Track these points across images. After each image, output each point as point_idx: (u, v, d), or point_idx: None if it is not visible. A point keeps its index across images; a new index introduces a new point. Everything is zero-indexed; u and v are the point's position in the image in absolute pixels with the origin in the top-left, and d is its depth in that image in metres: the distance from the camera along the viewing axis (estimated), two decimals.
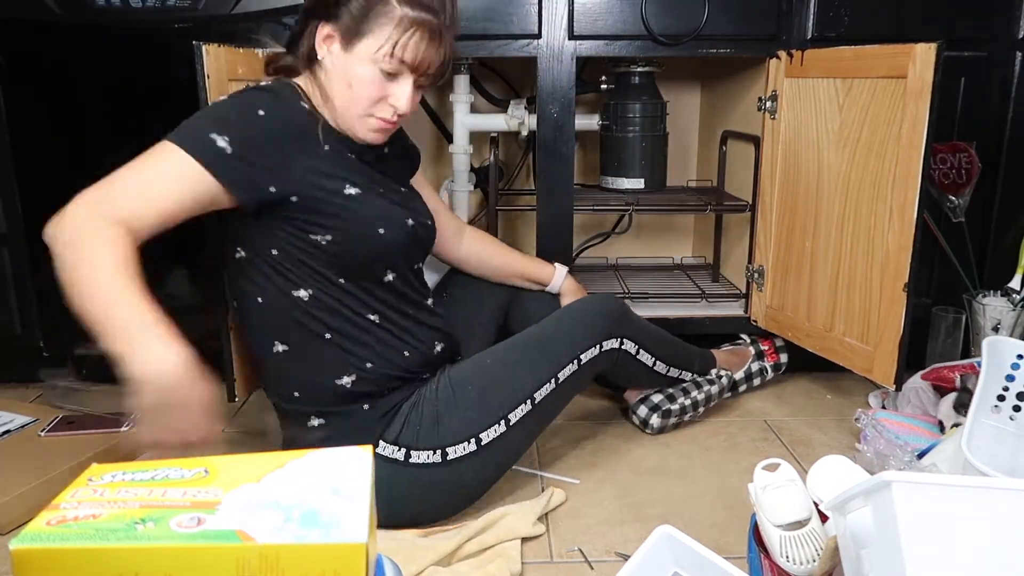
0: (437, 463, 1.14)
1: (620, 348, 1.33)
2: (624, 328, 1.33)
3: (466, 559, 1.11)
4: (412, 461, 1.13)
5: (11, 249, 1.62)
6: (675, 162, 2.04)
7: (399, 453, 1.13)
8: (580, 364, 1.26)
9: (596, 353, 1.28)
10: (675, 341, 1.48)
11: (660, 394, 1.48)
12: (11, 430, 1.43)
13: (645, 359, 1.39)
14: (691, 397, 1.49)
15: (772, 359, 1.68)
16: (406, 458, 1.13)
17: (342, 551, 0.60)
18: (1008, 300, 1.61)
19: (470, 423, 1.15)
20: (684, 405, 1.48)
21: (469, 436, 1.15)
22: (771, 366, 1.68)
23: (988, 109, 1.62)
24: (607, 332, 1.30)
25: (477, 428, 1.15)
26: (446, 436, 1.14)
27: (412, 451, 1.13)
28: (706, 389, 1.51)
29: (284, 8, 1.51)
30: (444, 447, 1.14)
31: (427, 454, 1.13)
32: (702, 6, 1.54)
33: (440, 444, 1.14)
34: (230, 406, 1.63)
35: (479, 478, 1.19)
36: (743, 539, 1.09)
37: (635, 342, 1.36)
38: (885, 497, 0.73)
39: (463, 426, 1.15)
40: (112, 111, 1.54)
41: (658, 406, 1.47)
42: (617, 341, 1.32)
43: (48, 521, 0.60)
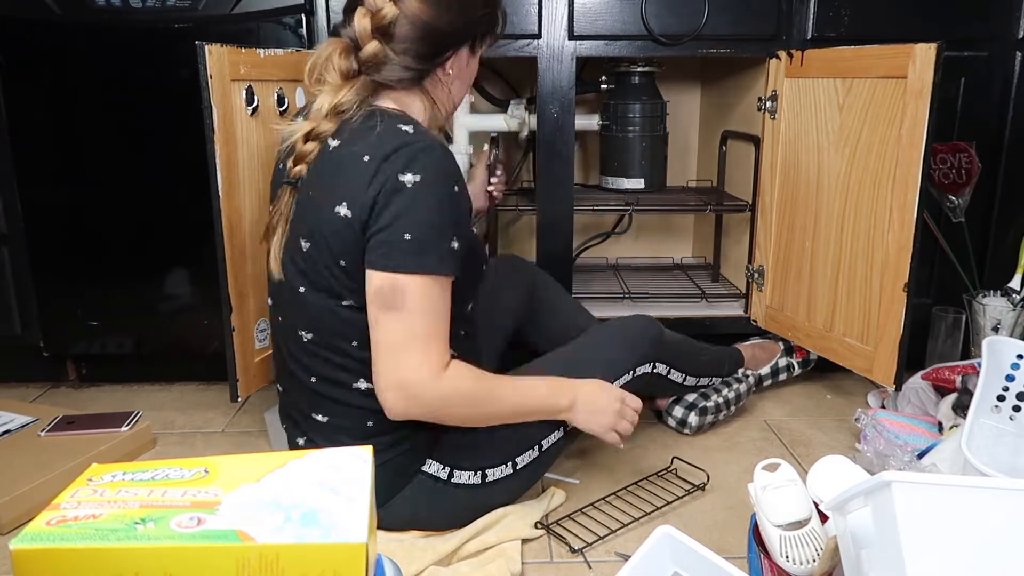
0: (477, 484, 1.14)
1: (653, 372, 1.35)
2: (659, 352, 1.35)
3: (466, 559, 1.11)
4: (454, 480, 1.13)
5: (11, 249, 1.63)
6: (675, 162, 2.04)
7: (443, 472, 1.13)
8: None
9: (629, 379, 1.29)
10: (704, 349, 1.50)
11: (694, 392, 1.49)
12: (11, 430, 1.43)
13: (676, 377, 1.41)
14: (723, 395, 1.50)
15: (800, 355, 1.68)
16: (449, 477, 1.13)
17: (342, 551, 0.60)
18: (1008, 300, 1.61)
19: (508, 447, 1.15)
20: (718, 403, 1.49)
21: (506, 460, 1.15)
22: (799, 362, 1.68)
23: (988, 109, 1.62)
24: (642, 359, 1.31)
25: (514, 452, 1.16)
26: (486, 458, 1.14)
27: (455, 471, 1.13)
28: (735, 387, 1.53)
29: (284, 8, 1.51)
30: (484, 468, 1.14)
31: (468, 475, 1.13)
32: (702, 6, 1.54)
33: (481, 466, 1.14)
34: (231, 406, 1.64)
35: (509, 498, 1.20)
36: (743, 539, 1.09)
37: (668, 364, 1.38)
38: (885, 497, 0.73)
39: (502, 449, 1.15)
40: (112, 111, 1.54)
41: (694, 404, 1.48)
42: (650, 366, 1.34)
43: (48, 521, 0.60)
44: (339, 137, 1.02)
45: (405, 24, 1.01)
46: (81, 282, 1.63)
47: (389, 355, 0.99)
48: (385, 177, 0.97)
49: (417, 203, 0.97)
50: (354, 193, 0.98)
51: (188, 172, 1.51)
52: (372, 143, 0.99)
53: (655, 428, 1.52)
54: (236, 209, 1.25)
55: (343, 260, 1.00)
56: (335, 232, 1.00)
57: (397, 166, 0.97)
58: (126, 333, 1.66)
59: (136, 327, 1.66)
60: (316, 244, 1.02)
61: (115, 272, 1.63)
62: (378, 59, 1.02)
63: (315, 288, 1.04)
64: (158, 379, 1.77)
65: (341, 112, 1.02)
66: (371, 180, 0.97)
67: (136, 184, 1.58)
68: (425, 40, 1.03)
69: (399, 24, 1.01)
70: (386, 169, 0.97)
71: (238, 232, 1.26)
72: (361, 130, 1.01)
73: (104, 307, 1.64)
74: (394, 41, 1.02)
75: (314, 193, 1.02)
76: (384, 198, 0.97)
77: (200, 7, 1.49)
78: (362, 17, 1.01)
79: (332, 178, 1.00)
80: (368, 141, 0.99)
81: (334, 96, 1.01)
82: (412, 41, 1.02)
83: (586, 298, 1.74)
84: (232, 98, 1.21)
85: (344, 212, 0.98)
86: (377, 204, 0.97)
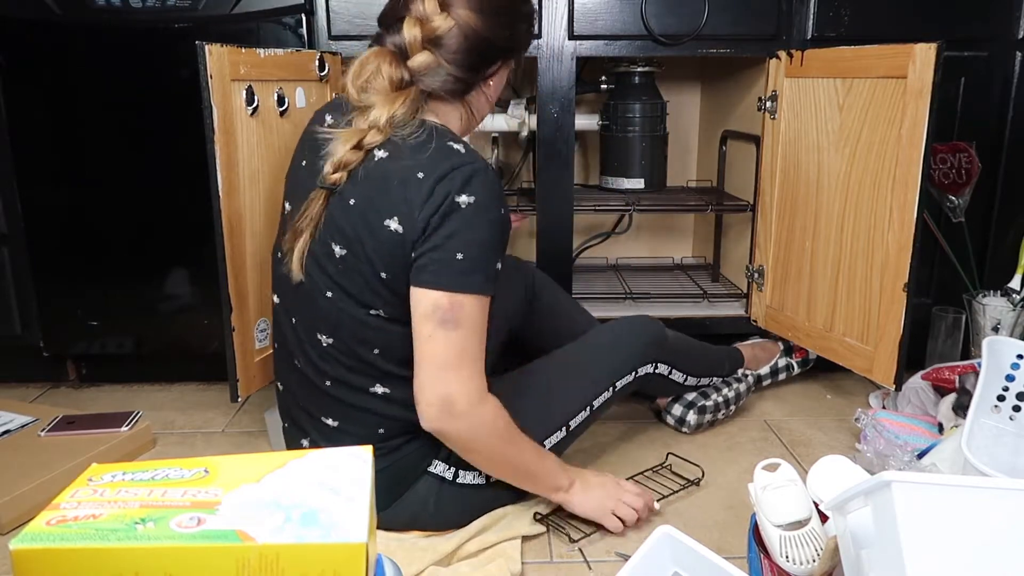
0: (481, 485, 1.15)
1: (655, 372, 1.35)
2: (660, 353, 1.35)
3: (466, 559, 1.11)
4: (459, 481, 1.14)
5: (11, 249, 1.63)
6: (675, 162, 2.04)
7: (449, 472, 1.13)
8: (615, 391, 1.28)
9: (631, 379, 1.30)
10: (705, 349, 1.50)
11: (693, 391, 1.49)
12: (11, 430, 1.43)
13: (677, 377, 1.42)
14: (722, 395, 1.50)
15: (800, 355, 1.68)
16: (454, 477, 1.13)
17: (342, 551, 0.60)
18: (1008, 300, 1.61)
19: None
20: (718, 402, 1.49)
21: None
22: (798, 362, 1.69)
23: (988, 109, 1.62)
24: (644, 359, 1.32)
25: None
26: None
27: (460, 471, 1.13)
28: (735, 387, 1.53)
29: (284, 8, 1.51)
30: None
31: (473, 475, 1.14)
32: (702, 6, 1.54)
33: None
34: (231, 406, 1.64)
35: (511, 499, 1.20)
36: (743, 539, 1.09)
37: (669, 364, 1.38)
38: (885, 497, 0.73)
39: None
40: (112, 111, 1.54)
41: (692, 403, 1.48)
42: (652, 366, 1.34)
43: (48, 521, 0.60)
44: (387, 149, 1.02)
45: (456, 34, 1.02)
46: (81, 282, 1.63)
47: (438, 371, 1.00)
48: (442, 197, 0.98)
49: (472, 224, 0.98)
50: (407, 209, 0.98)
51: (188, 172, 1.51)
52: (426, 161, 0.99)
53: (654, 427, 1.52)
54: (236, 209, 1.25)
55: (384, 272, 1.01)
56: (380, 244, 1.00)
57: (454, 186, 0.98)
58: (126, 333, 1.66)
59: (136, 327, 1.66)
60: (355, 253, 1.01)
61: (115, 272, 1.63)
62: (429, 68, 1.03)
63: (345, 294, 1.04)
64: (158, 379, 1.77)
65: (395, 124, 1.02)
66: (427, 199, 0.98)
67: (136, 184, 1.58)
68: (475, 51, 1.04)
69: (449, 34, 1.02)
70: (442, 189, 0.98)
71: (238, 232, 1.26)
72: (414, 146, 1.01)
73: (104, 307, 1.64)
74: (444, 51, 1.02)
75: (356, 202, 1.01)
76: (439, 219, 0.98)
77: (200, 7, 1.49)
78: (412, 27, 1.01)
79: (381, 191, 1.00)
80: (421, 159, 0.99)
81: (390, 107, 1.01)
82: (462, 52, 1.03)
83: (587, 298, 1.74)
84: (232, 98, 1.21)
85: (395, 227, 0.99)
86: (431, 224, 0.98)
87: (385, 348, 1.05)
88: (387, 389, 1.08)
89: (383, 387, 1.08)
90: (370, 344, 1.06)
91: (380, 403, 1.08)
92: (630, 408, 1.56)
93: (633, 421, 1.53)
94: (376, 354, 1.06)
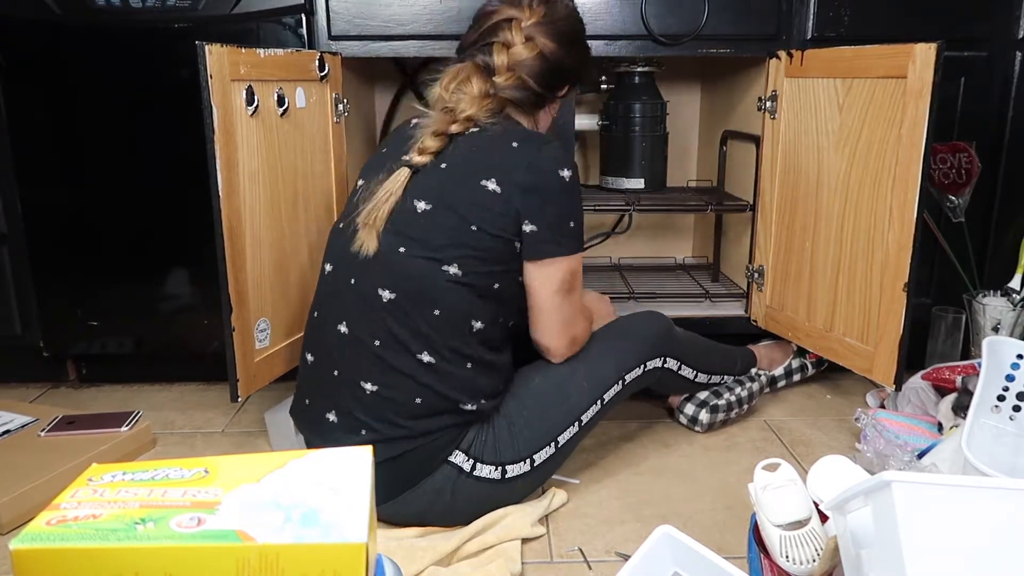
0: (496, 479, 1.16)
1: (663, 367, 1.35)
2: (668, 347, 1.36)
3: (466, 559, 1.11)
4: (476, 474, 1.15)
5: (11, 249, 1.63)
6: (675, 162, 2.04)
7: (468, 464, 1.14)
8: (624, 384, 1.28)
9: (640, 373, 1.31)
10: (716, 347, 1.51)
11: (705, 390, 1.49)
12: (11, 430, 1.43)
13: (687, 373, 1.42)
14: (736, 394, 1.51)
15: (814, 356, 1.67)
16: (472, 470, 1.14)
17: (342, 551, 0.60)
18: (1008, 300, 1.61)
19: (527, 444, 1.17)
20: (730, 401, 1.49)
21: (525, 457, 1.17)
22: (812, 363, 1.68)
23: (988, 109, 1.62)
24: (652, 352, 1.33)
25: (533, 449, 1.18)
26: (506, 454, 1.16)
27: (479, 464, 1.15)
28: (748, 386, 1.54)
29: (284, 8, 1.51)
30: (504, 464, 1.16)
31: (489, 469, 1.15)
32: (702, 6, 1.54)
33: (501, 461, 1.16)
34: (231, 406, 1.64)
35: (523, 494, 1.21)
36: (743, 539, 1.09)
37: (678, 359, 1.38)
38: (885, 497, 0.73)
39: (522, 446, 1.17)
40: (112, 111, 1.54)
41: (705, 402, 1.48)
42: (661, 360, 1.35)
43: (48, 521, 0.60)
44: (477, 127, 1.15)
45: (537, 59, 1.18)
46: (81, 282, 1.63)
47: (565, 326, 1.19)
48: (546, 170, 1.12)
49: (574, 195, 1.15)
50: (504, 173, 1.10)
51: (188, 172, 1.51)
52: (518, 134, 1.15)
53: (664, 426, 1.52)
54: (236, 209, 1.25)
55: (475, 225, 1.10)
56: (476, 199, 1.10)
57: (554, 161, 1.13)
58: (126, 333, 1.67)
59: (136, 327, 1.66)
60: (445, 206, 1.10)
61: (115, 272, 1.63)
62: (509, 85, 1.18)
63: (421, 247, 1.10)
64: (158, 379, 1.77)
65: (473, 120, 1.15)
66: (527, 167, 1.11)
67: (136, 184, 1.58)
68: (550, 73, 1.20)
69: (529, 61, 1.18)
70: (544, 162, 1.12)
71: (238, 232, 1.26)
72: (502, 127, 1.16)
73: (104, 307, 1.64)
74: (525, 71, 1.18)
75: (448, 165, 1.13)
76: (545, 192, 1.11)
77: (200, 7, 1.49)
78: (500, 53, 1.18)
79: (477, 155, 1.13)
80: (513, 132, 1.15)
81: (476, 108, 1.15)
82: (539, 73, 1.19)
83: None
84: (232, 98, 1.21)
85: (492, 187, 1.10)
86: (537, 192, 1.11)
87: (446, 310, 1.10)
88: (433, 359, 1.11)
89: (431, 356, 1.11)
90: (433, 304, 1.10)
91: (424, 372, 1.11)
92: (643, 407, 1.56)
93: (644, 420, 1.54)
94: (436, 315, 1.10)
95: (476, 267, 1.10)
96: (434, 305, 1.10)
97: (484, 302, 1.12)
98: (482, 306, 1.12)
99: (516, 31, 1.17)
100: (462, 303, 1.11)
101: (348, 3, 1.53)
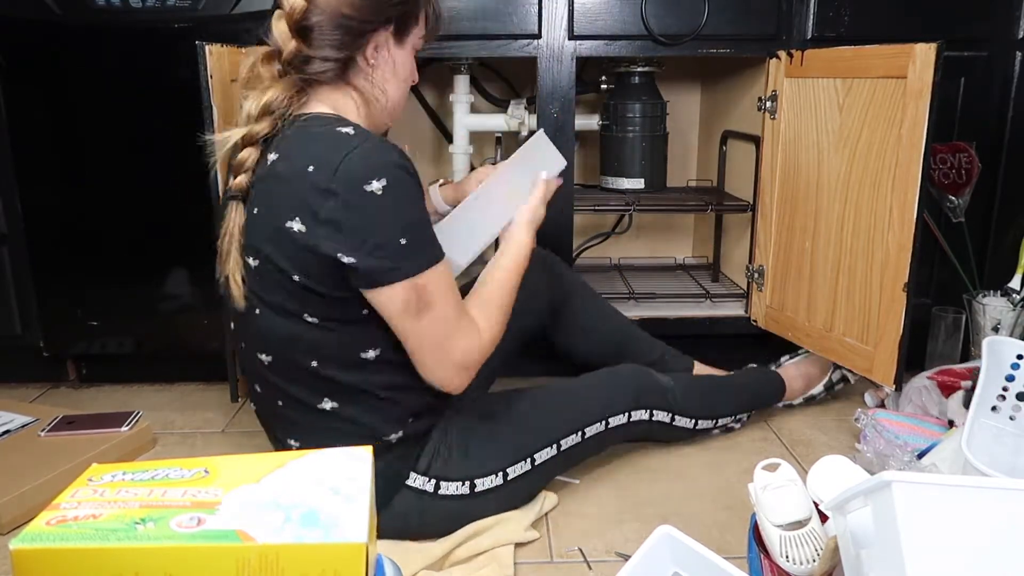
0: (465, 494, 1.13)
1: (651, 420, 1.33)
2: (650, 399, 1.32)
3: (459, 564, 1.10)
4: (441, 493, 1.12)
5: (11, 249, 1.63)
6: (675, 162, 2.04)
7: (429, 485, 1.11)
8: (607, 426, 1.26)
9: (624, 421, 1.28)
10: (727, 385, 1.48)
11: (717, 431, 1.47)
12: (11, 430, 1.43)
13: (684, 423, 1.38)
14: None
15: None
16: (435, 490, 1.12)
17: (342, 551, 0.60)
18: (1008, 300, 1.61)
19: (499, 457, 1.15)
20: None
21: (497, 469, 1.15)
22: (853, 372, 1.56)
23: (988, 109, 1.62)
24: (632, 404, 1.30)
25: (505, 463, 1.15)
26: (475, 468, 1.13)
27: (442, 482, 1.12)
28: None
29: None
30: (473, 478, 1.13)
31: (456, 485, 1.12)
32: (702, 6, 1.54)
33: (469, 475, 1.13)
34: (231, 406, 1.64)
35: (502, 508, 1.18)
36: (743, 539, 1.09)
37: (667, 410, 1.35)
38: (885, 497, 0.73)
39: (492, 459, 1.15)
40: (112, 111, 1.55)
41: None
42: (646, 412, 1.32)
43: (48, 521, 0.60)
44: (278, 151, 1.00)
45: (317, 14, 1.01)
46: (81, 282, 1.63)
47: (438, 351, 1.02)
48: (350, 190, 0.93)
49: (394, 209, 0.95)
50: (306, 206, 0.95)
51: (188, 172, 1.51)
52: (318, 154, 0.96)
53: None
54: None
55: (297, 275, 0.98)
56: (285, 247, 0.97)
57: (359, 175, 0.93)
58: (126, 333, 1.66)
59: (136, 327, 1.66)
60: (266, 262, 0.99)
61: (115, 272, 1.63)
62: (299, 56, 1.02)
63: (268, 307, 1.02)
64: (158, 379, 1.77)
65: (271, 112, 1.01)
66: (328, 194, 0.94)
67: (136, 184, 1.58)
68: (338, 27, 1.02)
69: (312, 16, 1.01)
70: (345, 182, 0.93)
71: None
72: (303, 140, 0.99)
73: (104, 307, 1.64)
74: (311, 34, 1.01)
75: (259, 210, 1.00)
76: (358, 212, 0.94)
77: (200, 7, 1.49)
78: (278, 20, 1.02)
79: (277, 193, 0.98)
80: (312, 152, 0.96)
81: (261, 97, 1.01)
82: (326, 30, 1.02)
83: None
84: (232, 98, 1.21)
85: (297, 227, 0.95)
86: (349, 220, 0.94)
87: (320, 357, 1.02)
88: (335, 404, 1.05)
89: (331, 402, 1.05)
90: (305, 355, 1.02)
91: (333, 419, 1.06)
92: None
93: None
94: (314, 366, 1.03)
95: (326, 306, 0.99)
96: (310, 356, 1.02)
97: (363, 329, 1.02)
98: (363, 334, 1.03)
99: None
100: (339, 343, 1.02)
101: None
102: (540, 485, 1.23)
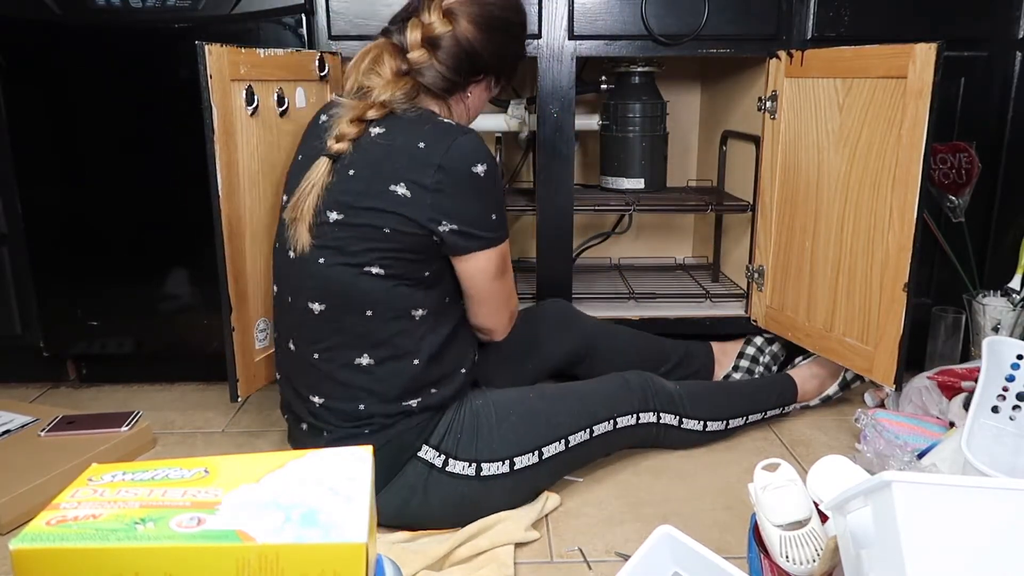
0: (471, 476, 1.15)
1: (659, 423, 1.34)
2: (658, 401, 1.34)
3: (458, 564, 1.10)
4: (448, 469, 1.15)
5: (11, 249, 1.63)
6: (675, 162, 2.04)
7: (439, 459, 1.15)
8: (615, 426, 1.29)
9: (633, 423, 1.31)
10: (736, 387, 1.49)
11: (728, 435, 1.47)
12: (11, 430, 1.43)
13: (693, 426, 1.39)
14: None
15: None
16: (444, 465, 1.15)
17: (342, 551, 0.60)
18: (1008, 300, 1.61)
19: (507, 445, 1.17)
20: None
21: (504, 457, 1.17)
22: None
23: (988, 109, 1.62)
24: (640, 406, 1.32)
25: (513, 451, 1.18)
26: (483, 451, 1.16)
27: (450, 459, 1.15)
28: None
29: (284, 8, 1.51)
30: (480, 462, 1.16)
31: (463, 465, 1.15)
32: (702, 6, 1.54)
33: (476, 458, 1.16)
34: (231, 406, 1.64)
35: (507, 501, 1.20)
36: (743, 539, 1.09)
37: (674, 413, 1.36)
38: (885, 497, 0.73)
39: (500, 446, 1.17)
40: (112, 111, 1.54)
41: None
42: (653, 415, 1.33)
43: (48, 521, 0.60)
44: (383, 126, 1.11)
45: (451, 40, 1.14)
46: (81, 282, 1.63)
47: (504, 307, 1.23)
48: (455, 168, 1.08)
49: (490, 190, 1.12)
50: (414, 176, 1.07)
51: (188, 172, 1.51)
52: (427, 134, 1.09)
53: None
54: (236, 209, 1.25)
55: (388, 228, 1.08)
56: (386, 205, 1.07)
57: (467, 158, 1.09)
58: (126, 333, 1.67)
59: (136, 327, 1.66)
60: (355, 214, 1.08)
61: (115, 272, 1.63)
62: (422, 64, 1.15)
63: (339, 254, 1.09)
64: (158, 379, 1.77)
65: (389, 105, 1.12)
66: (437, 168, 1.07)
67: (136, 184, 1.58)
68: (465, 58, 1.16)
69: (445, 39, 1.14)
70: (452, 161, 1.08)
71: (238, 232, 1.26)
72: (410, 121, 1.11)
73: (104, 307, 1.64)
74: (438, 51, 1.15)
75: (356, 172, 1.09)
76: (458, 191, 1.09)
77: (200, 7, 1.49)
78: (414, 28, 1.14)
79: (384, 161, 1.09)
80: (421, 131, 1.10)
81: (390, 90, 1.12)
82: (453, 56, 1.15)
83: (590, 299, 1.74)
84: (232, 98, 1.21)
85: (402, 192, 1.07)
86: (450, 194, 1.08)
87: (379, 309, 1.10)
88: (372, 360, 1.12)
89: (369, 358, 1.12)
90: (362, 307, 1.10)
91: (363, 377, 1.12)
92: None
93: None
94: (369, 316, 1.10)
95: (399, 262, 1.10)
96: (364, 308, 1.10)
97: (417, 289, 1.12)
98: (417, 294, 1.12)
99: (436, 6, 1.14)
100: (394, 298, 1.11)
101: (348, 3, 1.53)
102: (546, 482, 1.24)
